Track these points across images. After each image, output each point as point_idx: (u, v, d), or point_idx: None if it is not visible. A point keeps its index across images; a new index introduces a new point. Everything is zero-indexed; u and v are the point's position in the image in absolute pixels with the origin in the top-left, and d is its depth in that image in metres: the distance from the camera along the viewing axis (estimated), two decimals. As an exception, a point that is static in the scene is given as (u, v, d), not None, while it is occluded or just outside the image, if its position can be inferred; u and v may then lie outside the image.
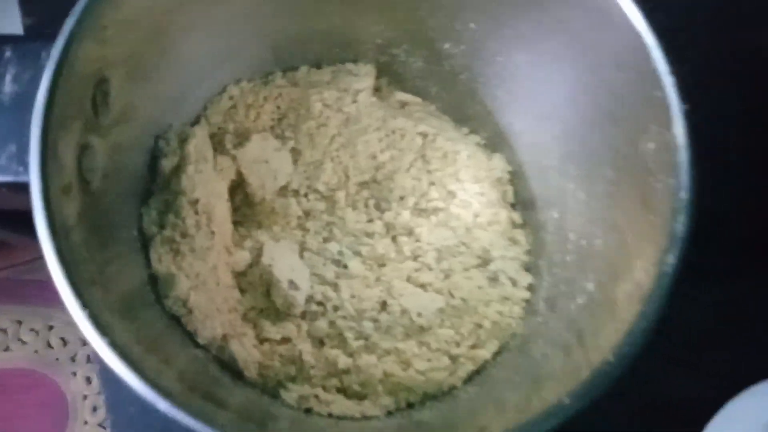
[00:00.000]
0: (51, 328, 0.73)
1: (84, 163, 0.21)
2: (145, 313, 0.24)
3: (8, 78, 0.21)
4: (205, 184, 0.27)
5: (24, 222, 0.27)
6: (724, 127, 0.32)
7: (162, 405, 0.17)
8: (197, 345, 0.25)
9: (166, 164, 0.27)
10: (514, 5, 0.27)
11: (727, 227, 0.32)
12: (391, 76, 0.34)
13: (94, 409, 0.67)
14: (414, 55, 0.33)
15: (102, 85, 0.22)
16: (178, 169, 0.27)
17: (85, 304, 0.17)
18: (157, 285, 0.26)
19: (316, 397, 0.26)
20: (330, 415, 0.26)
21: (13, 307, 0.73)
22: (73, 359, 0.71)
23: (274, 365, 0.26)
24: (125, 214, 0.26)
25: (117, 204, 0.25)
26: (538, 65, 0.28)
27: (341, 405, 0.26)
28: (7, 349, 0.71)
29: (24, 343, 0.72)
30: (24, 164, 0.20)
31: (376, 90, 0.34)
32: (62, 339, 0.72)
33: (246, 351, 0.26)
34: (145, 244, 0.26)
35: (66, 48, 0.20)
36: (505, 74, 0.30)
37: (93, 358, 0.69)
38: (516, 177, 0.32)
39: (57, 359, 0.71)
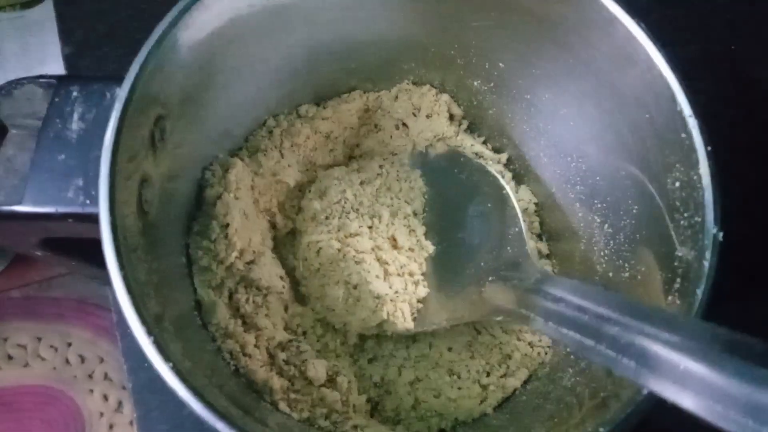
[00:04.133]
0: (69, 345, 0.74)
1: (144, 194, 0.23)
2: (196, 336, 0.25)
3: (75, 116, 0.22)
4: (240, 210, 0.28)
5: (67, 246, 0.28)
6: (736, 154, 0.33)
7: (219, 425, 0.18)
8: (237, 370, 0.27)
9: (211, 193, 0.28)
10: (541, 46, 0.29)
11: (743, 254, 0.33)
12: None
13: (111, 427, 0.68)
14: (444, 91, 0.34)
15: (159, 122, 0.24)
16: (220, 196, 0.29)
17: (150, 331, 0.19)
18: (202, 310, 0.27)
19: (350, 420, 0.27)
20: (366, 440, 0.26)
21: (31, 324, 0.74)
22: (90, 376, 0.71)
23: (306, 407, 0.27)
24: (175, 241, 0.27)
25: (168, 231, 0.26)
26: (563, 103, 0.30)
27: (375, 429, 0.27)
28: (26, 365, 0.72)
29: (43, 359, 0.73)
30: (90, 197, 0.21)
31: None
32: (80, 356, 0.73)
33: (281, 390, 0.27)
34: (191, 270, 0.27)
35: (131, 90, 0.21)
36: (532, 111, 0.32)
37: (113, 376, 0.70)
38: (542, 209, 0.34)
39: (75, 376, 0.72)
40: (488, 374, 0.29)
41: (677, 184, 0.23)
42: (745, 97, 0.42)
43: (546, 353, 0.29)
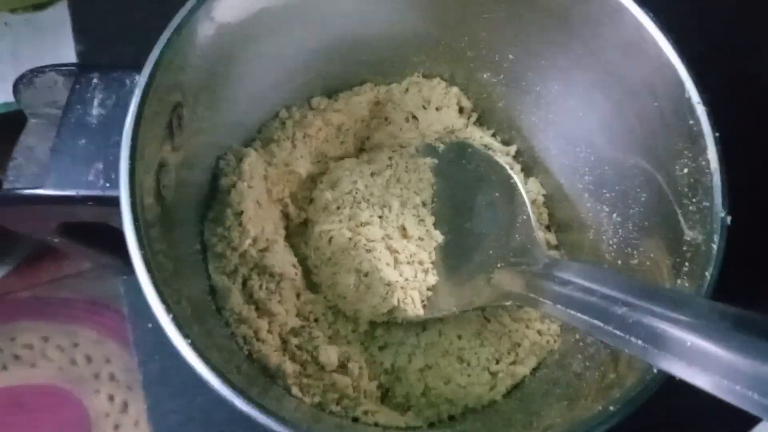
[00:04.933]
0: (76, 345, 0.74)
1: (161, 179, 0.23)
2: (211, 320, 0.25)
3: (95, 102, 0.23)
4: (254, 198, 0.29)
5: (84, 232, 0.29)
6: (742, 146, 0.33)
7: (237, 401, 0.19)
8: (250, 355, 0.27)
9: (225, 182, 0.29)
10: (550, 38, 0.29)
11: (748, 243, 0.33)
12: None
13: (116, 427, 0.68)
14: (454, 84, 0.35)
15: (178, 109, 0.24)
16: (234, 184, 0.29)
17: (170, 309, 0.19)
18: (216, 296, 0.27)
19: (361, 406, 0.27)
20: (376, 425, 0.27)
21: (39, 324, 0.75)
22: (96, 377, 0.72)
23: (318, 392, 0.27)
24: (190, 228, 0.27)
25: (184, 218, 0.27)
26: (572, 94, 0.30)
27: (386, 415, 0.27)
28: (33, 365, 0.73)
29: (50, 359, 0.74)
30: (110, 180, 0.22)
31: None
32: (87, 356, 0.73)
33: (293, 374, 0.27)
34: (206, 256, 0.28)
35: (151, 76, 0.22)
36: (541, 102, 0.32)
37: (119, 377, 0.71)
38: (551, 200, 0.34)
39: (81, 376, 0.72)
40: (498, 362, 0.30)
41: (685, 170, 0.24)
42: (750, 94, 0.42)
43: (555, 341, 0.30)
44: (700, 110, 0.23)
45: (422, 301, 0.30)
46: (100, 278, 0.74)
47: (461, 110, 0.35)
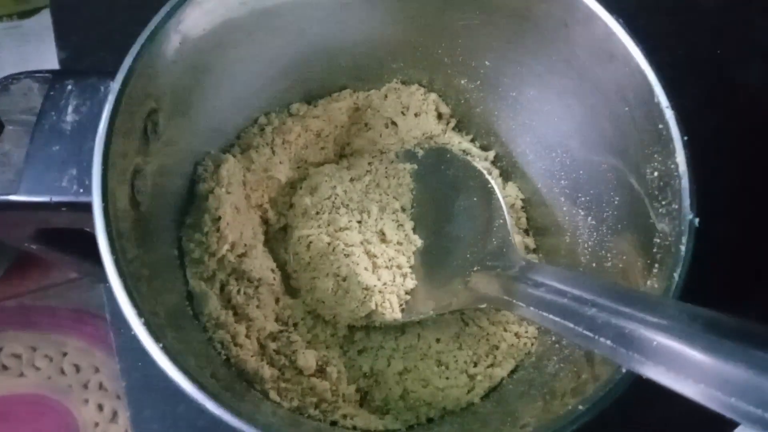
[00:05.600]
0: (65, 354, 0.74)
1: (136, 185, 0.23)
2: (188, 325, 0.25)
3: (70, 109, 0.23)
4: (232, 204, 0.29)
5: (62, 239, 0.29)
6: (720, 156, 0.34)
7: (209, 405, 0.19)
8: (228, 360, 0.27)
9: (203, 188, 0.29)
10: (525, 44, 0.29)
11: (726, 253, 0.34)
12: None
13: (105, 436, 0.68)
14: (433, 90, 0.35)
15: (152, 115, 0.24)
16: (212, 190, 0.29)
17: (141, 314, 0.19)
18: (193, 301, 0.27)
19: (340, 410, 0.27)
20: (354, 428, 0.27)
21: (26, 333, 0.74)
22: (85, 386, 0.71)
23: (296, 396, 0.27)
24: (167, 234, 0.27)
25: (161, 224, 0.27)
26: (547, 99, 0.30)
27: (365, 419, 0.27)
28: (21, 375, 0.72)
29: (37, 369, 0.73)
30: (84, 186, 0.22)
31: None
32: (75, 366, 0.73)
33: (271, 379, 0.27)
34: (183, 262, 0.28)
35: (124, 83, 0.22)
36: (518, 107, 0.32)
37: (108, 386, 0.70)
38: (529, 204, 0.34)
39: (69, 386, 0.72)
40: (476, 364, 0.30)
41: (656, 173, 0.24)
42: (730, 101, 0.43)
43: (532, 343, 0.30)
44: (669, 114, 0.23)
45: (400, 305, 0.30)
46: (87, 287, 0.74)
47: (440, 116, 0.35)
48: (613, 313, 0.20)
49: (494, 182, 0.32)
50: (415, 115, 0.35)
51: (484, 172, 0.32)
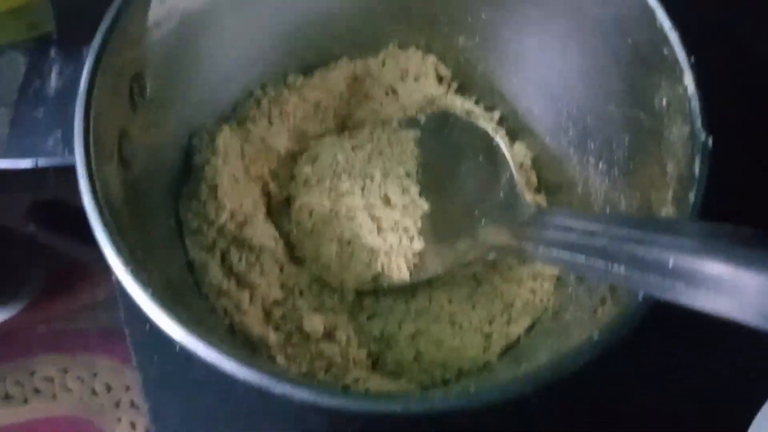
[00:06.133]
0: (95, 375, 0.74)
1: (124, 147, 0.23)
2: (190, 295, 0.25)
3: (53, 74, 0.22)
4: (229, 173, 0.29)
5: (58, 218, 0.28)
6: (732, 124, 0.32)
7: (227, 365, 0.18)
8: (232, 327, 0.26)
9: (199, 159, 0.28)
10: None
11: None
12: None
13: (139, 454, 0.68)
14: (431, 52, 0.34)
15: (138, 80, 0.24)
16: (208, 160, 0.29)
17: (127, 263, 0.18)
18: (194, 271, 0.27)
19: (350, 374, 0.26)
20: (367, 392, 0.26)
21: (58, 356, 0.75)
22: (117, 405, 0.72)
23: (305, 361, 0.27)
24: (165, 205, 0.27)
25: (157, 195, 0.26)
26: (548, 47, 0.29)
27: (378, 382, 0.26)
28: (54, 397, 0.73)
29: (70, 391, 0.74)
30: (70, 148, 0.21)
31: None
32: (107, 385, 0.73)
33: (278, 344, 0.26)
34: (182, 232, 0.27)
35: (102, 44, 0.22)
36: (519, 60, 0.31)
37: (139, 403, 0.70)
38: (539, 162, 0.33)
39: (102, 405, 0.72)
40: (490, 323, 0.29)
41: (664, 101, 0.23)
42: (744, 69, 0.41)
43: (548, 299, 0.29)
44: (673, 36, 0.22)
45: (408, 267, 0.29)
46: (114, 307, 0.74)
47: (440, 79, 0.34)
48: (625, 240, 0.19)
49: (500, 140, 0.31)
50: (415, 79, 0.34)
51: (489, 130, 0.31)
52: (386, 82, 0.34)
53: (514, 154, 0.33)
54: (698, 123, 0.21)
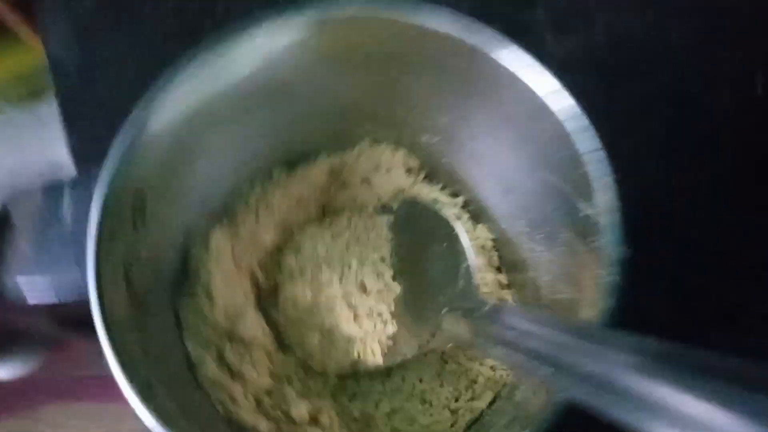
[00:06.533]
0: (101, 420, 0.76)
1: (130, 271, 0.27)
2: (188, 386, 0.28)
3: (69, 213, 0.26)
4: (222, 272, 0.32)
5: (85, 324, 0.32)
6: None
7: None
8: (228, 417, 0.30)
9: (194, 260, 0.32)
10: (469, 104, 0.32)
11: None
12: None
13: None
14: (402, 146, 0.38)
15: (138, 208, 0.28)
16: (202, 261, 0.32)
17: (146, 399, 0.22)
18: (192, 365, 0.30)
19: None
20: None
21: (62, 403, 0.77)
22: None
23: None
24: (165, 304, 0.31)
25: (156, 297, 0.30)
26: (499, 149, 0.33)
27: (357, 458, 0.30)
28: None
29: None
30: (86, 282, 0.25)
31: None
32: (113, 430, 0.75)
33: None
34: (181, 328, 0.31)
35: (110, 184, 0.26)
36: (476, 157, 0.35)
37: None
38: (499, 243, 0.37)
39: None
40: (457, 399, 0.32)
41: (589, 212, 0.27)
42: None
43: (508, 375, 0.32)
44: (588, 159, 0.26)
45: (383, 351, 0.33)
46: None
47: (409, 170, 0.38)
48: (554, 344, 0.22)
49: (460, 228, 0.34)
50: (387, 171, 0.38)
51: (450, 220, 0.35)
52: (361, 173, 0.38)
53: (476, 236, 0.37)
54: (612, 238, 0.25)
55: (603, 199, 0.26)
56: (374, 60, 0.32)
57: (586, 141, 0.27)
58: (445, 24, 0.28)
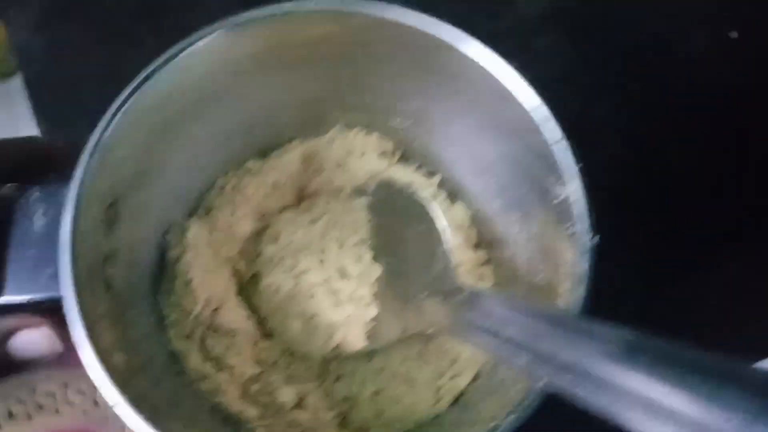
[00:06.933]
0: (96, 387, 0.77)
1: (107, 271, 0.27)
2: (174, 380, 0.29)
3: (39, 214, 0.26)
4: (201, 265, 0.32)
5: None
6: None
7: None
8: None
9: (172, 255, 0.32)
10: (437, 89, 0.32)
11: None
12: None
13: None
14: (375, 130, 0.38)
15: (112, 207, 0.28)
16: (180, 254, 0.33)
17: (125, 392, 0.23)
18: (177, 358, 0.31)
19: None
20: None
21: (57, 371, 0.78)
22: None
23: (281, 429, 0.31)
24: (144, 301, 0.31)
25: (136, 295, 0.30)
26: (470, 132, 0.33)
27: (345, 440, 0.31)
28: (57, 411, 0.76)
29: (72, 404, 0.76)
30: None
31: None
32: (108, 396, 0.76)
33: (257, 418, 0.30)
34: (163, 324, 0.31)
35: (80, 187, 0.25)
36: (449, 139, 0.36)
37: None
38: (477, 221, 0.37)
39: (105, 417, 0.75)
40: (440, 377, 0.33)
41: (558, 200, 0.27)
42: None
43: (487, 352, 0.33)
44: (557, 148, 0.27)
45: (366, 333, 0.33)
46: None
47: (384, 153, 0.38)
48: (531, 332, 0.22)
49: (437, 211, 0.35)
50: (361, 155, 0.38)
51: (425, 203, 0.35)
52: (335, 158, 0.38)
53: (454, 214, 0.37)
54: (583, 226, 0.26)
55: (571, 188, 0.26)
56: (339, 51, 0.32)
57: (550, 131, 0.27)
58: (406, 17, 0.28)
